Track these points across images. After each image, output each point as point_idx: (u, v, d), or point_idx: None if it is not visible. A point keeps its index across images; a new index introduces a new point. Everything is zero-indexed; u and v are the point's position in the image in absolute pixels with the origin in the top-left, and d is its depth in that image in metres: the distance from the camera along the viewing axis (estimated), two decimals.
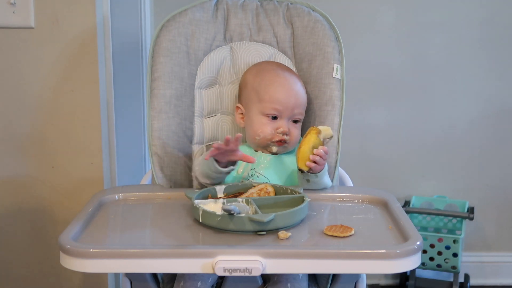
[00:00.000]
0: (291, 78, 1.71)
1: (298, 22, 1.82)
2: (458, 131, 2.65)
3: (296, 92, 1.69)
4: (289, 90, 1.69)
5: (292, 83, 1.70)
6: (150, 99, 1.74)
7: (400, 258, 1.26)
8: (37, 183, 2.07)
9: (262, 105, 1.68)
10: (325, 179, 1.62)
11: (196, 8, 1.81)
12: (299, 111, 1.70)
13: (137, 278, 1.54)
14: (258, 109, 1.69)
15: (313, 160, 1.56)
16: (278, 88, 1.68)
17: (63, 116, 2.04)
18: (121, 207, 1.55)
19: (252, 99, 1.71)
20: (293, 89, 1.69)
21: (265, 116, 1.68)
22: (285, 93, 1.68)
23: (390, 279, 2.73)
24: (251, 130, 1.70)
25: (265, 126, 1.68)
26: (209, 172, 1.59)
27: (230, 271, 1.24)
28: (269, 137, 1.68)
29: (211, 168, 1.58)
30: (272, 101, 1.67)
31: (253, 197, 1.48)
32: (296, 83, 1.71)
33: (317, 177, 1.59)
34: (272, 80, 1.70)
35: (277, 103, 1.67)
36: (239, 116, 1.75)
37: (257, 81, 1.72)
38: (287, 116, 1.68)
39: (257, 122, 1.69)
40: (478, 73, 2.61)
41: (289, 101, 1.67)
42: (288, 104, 1.67)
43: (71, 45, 2.00)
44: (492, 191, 2.69)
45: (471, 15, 2.56)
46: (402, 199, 2.65)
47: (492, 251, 2.74)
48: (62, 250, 1.28)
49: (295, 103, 1.68)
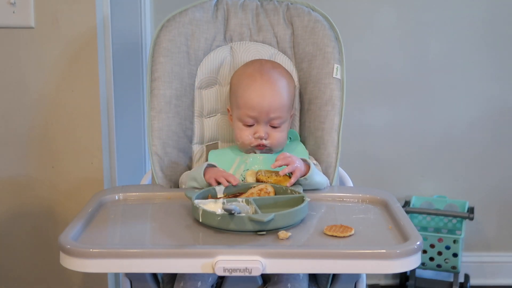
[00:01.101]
0: (269, 81, 1.68)
1: (298, 22, 1.82)
2: (458, 131, 2.65)
3: (270, 96, 1.66)
4: (262, 96, 1.66)
5: (268, 87, 1.67)
6: (150, 99, 1.74)
7: (400, 258, 1.26)
8: (37, 183, 2.07)
9: (239, 111, 1.68)
10: (317, 178, 1.61)
11: (196, 8, 1.81)
12: (277, 114, 1.67)
13: (137, 278, 1.54)
14: (236, 115, 1.70)
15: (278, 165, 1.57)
16: (251, 94, 1.66)
17: (63, 116, 2.04)
18: (121, 207, 1.55)
19: (233, 103, 1.73)
20: (267, 94, 1.66)
21: (241, 122, 1.68)
22: (258, 98, 1.66)
23: (390, 279, 2.73)
24: (234, 134, 1.71)
25: (243, 132, 1.68)
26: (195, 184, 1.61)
27: (230, 271, 1.24)
28: (247, 143, 1.68)
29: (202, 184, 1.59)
30: (246, 107, 1.67)
31: (253, 197, 1.48)
32: (273, 85, 1.68)
33: (307, 180, 1.58)
34: (248, 85, 1.68)
35: (251, 109, 1.66)
36: (230, 117, 1.76)
37: (236, 85, 1.72)
38: (264, 121, 1.67)
39: (236, 128, 1.70)
40: (478, 73, 2.61)
41: (262, 106, 1.65)
42: (262, 109, 1.65)
43: (71, 45, 2.00)
44: (492, 191, 2.69)
45: (472, 15, 2.56)
46: (402, 199, 2.65)
47: (492, 251, 2.74)
48: (62, 250, 1.28)
49: (270, 108, 1.65)
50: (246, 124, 1.68)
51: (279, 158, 1.57)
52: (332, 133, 1.74)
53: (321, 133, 1.75)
